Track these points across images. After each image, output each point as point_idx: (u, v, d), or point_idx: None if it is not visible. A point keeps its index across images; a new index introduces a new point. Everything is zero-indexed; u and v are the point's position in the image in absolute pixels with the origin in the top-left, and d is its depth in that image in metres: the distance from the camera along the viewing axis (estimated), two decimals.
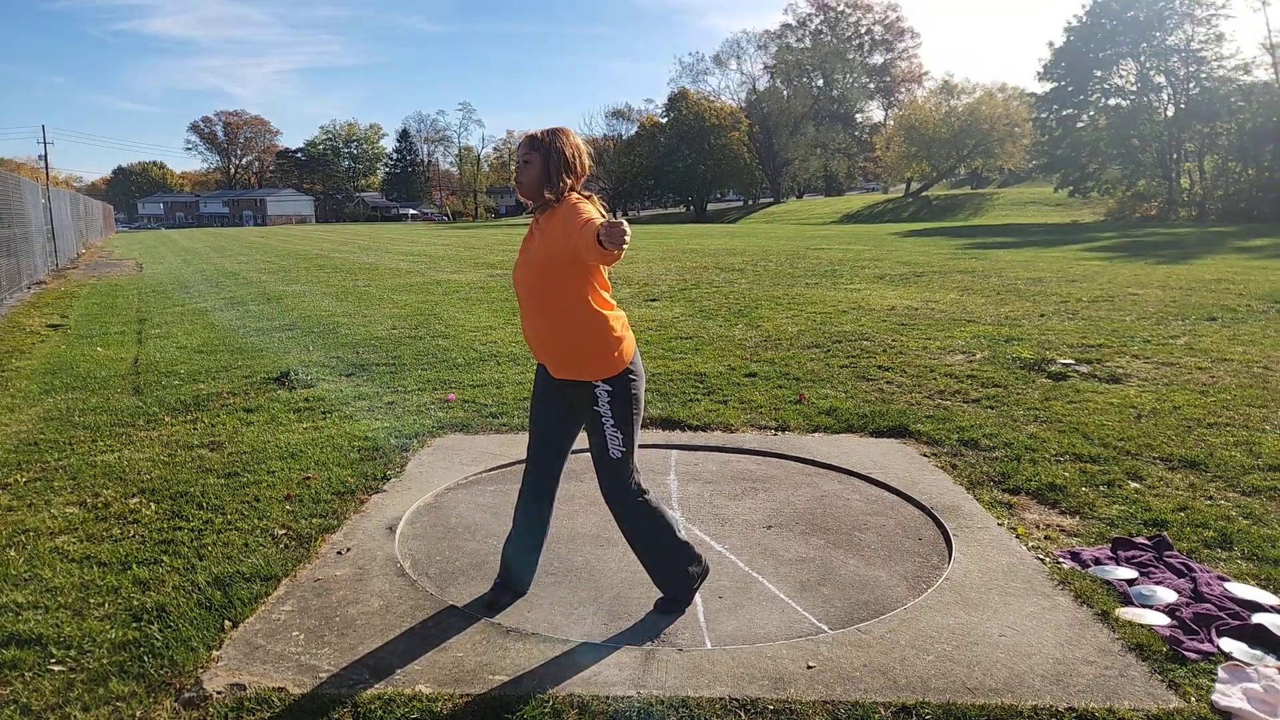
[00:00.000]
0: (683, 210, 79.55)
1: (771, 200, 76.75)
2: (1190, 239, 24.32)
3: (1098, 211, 43.64)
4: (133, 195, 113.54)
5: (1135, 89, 42.84)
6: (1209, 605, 3.09)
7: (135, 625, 3.08)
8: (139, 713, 2.57)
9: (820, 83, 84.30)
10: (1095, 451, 4.92)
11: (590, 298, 2.94)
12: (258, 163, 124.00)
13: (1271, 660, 2.77)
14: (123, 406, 6.50)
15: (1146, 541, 3.67)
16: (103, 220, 50.34)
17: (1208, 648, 2.83)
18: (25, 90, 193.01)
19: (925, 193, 66.68)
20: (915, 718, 2.50)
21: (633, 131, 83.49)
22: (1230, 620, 2.98)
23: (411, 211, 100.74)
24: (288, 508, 4.24)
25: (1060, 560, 3.55)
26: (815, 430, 5.54)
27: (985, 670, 2.73)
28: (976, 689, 2.62)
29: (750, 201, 79.20)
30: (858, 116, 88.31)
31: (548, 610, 3.21)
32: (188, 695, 2.65)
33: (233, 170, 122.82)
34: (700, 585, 3.24)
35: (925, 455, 4.99)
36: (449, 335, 9.50)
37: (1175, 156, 41.53)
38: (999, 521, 3.97)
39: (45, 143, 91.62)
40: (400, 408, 6.24)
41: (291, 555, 3.69)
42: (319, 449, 5.20)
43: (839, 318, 10.11)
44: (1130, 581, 3.32)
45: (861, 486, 4.53)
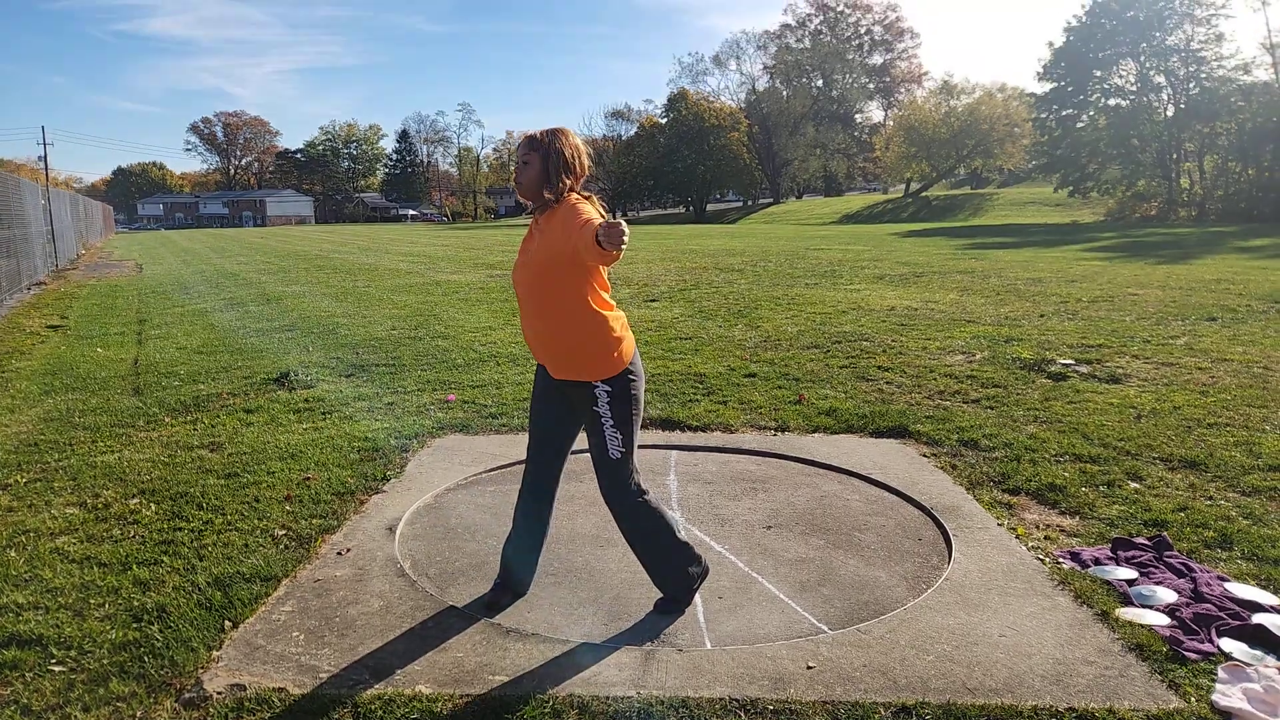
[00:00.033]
0: (682, 211, 79.59)
1: (771, 201, 76.76)
2: (1190, 239, 24.34)
3: (1097, 212, 43.65)
4: (132, 196, 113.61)
5: (1135, 89, 42.86)
6: (1209, 605, 3.09)
7: (135, 626, 3.08)
8: (139, 713, 2.57)
9: (820, 83, 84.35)
10: (1095, 452, 4.92)
11: (590, 298, 2.94)
12: (257, 163, 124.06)
13: (1272, 660, 2.77)
14: (123, 407, 6.50)
15: (1146, 542, 3.67)
16: (102, 221, 50.37)
17: (1208, 648, 2.83)
18: (25, 91, 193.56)
19: (925, 193, 66.69)
20: (915, 718, 2.50)
21: (632, 132, 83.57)
22: (1230, 620, 2.99)
23: (411, 212, 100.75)
24: (288, 508, 4.24)
25: (1060, 560, 3.55)
26: (815, 431, 5.54)
27: (985, 670, 2.73)
28: (976, 689, 2.63)
29: (750, 202, 79.20)
30: (857, 117, 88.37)
31: (548, 611, 3.21)
32: (188, 695, 2.65)
33: (232, 171, 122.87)
34: (700, 585, 3.24)
35: (925, 455, 4.99)
36: (449, 336, 9.50)
37: (1175, 156, 41.54)
38: (999, 522, 3.97)
39: (45, 143, 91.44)
40: (400, 408, 6.24)
41: (291, 556, 3.69)
42: (319, 450, 5.20)
43: (839, 318, 10.11)
44: (1130, 582, 3.32)
45: (861, 487, 4.54)
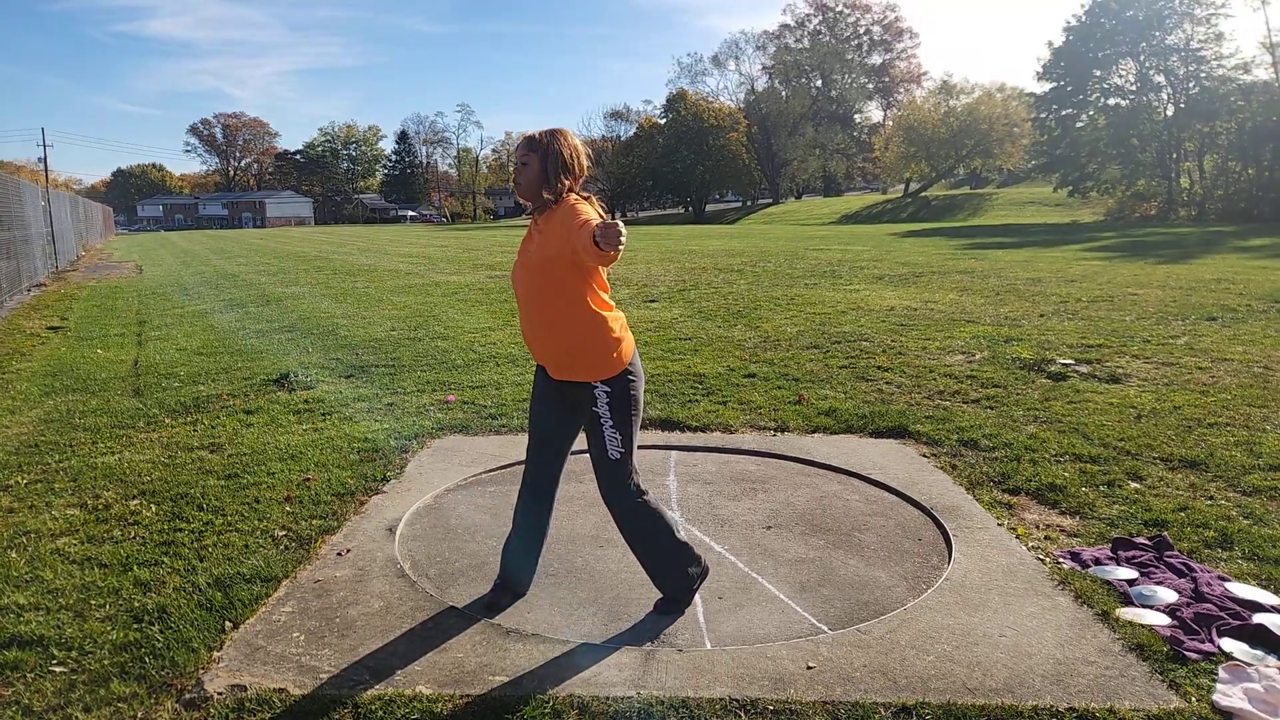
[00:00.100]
0: (681, 211, 79.56)
1: (770, 201, 76.72)
2: (1190, 239, 24.34)
3: (1097, 211, 43.64)
4: (132, 197, 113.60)
5: (1135, 89, 42.85)
6: (1209, 605, 3.09)
7: (136, 626, 3.08)
8: (140, 713, 2.57)
9: (819, 83, 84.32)
10: (1095, 451, 4.92)
11: (589, 299, 2.94)
12: (256, 165, 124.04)
13: (1272, 660, 2.77)
14: (123, 408, 6.50)
15: (1147, 541, 3.67)
16: (102, 222, 50.38)
17: (1208, 648, 2.83)
18: (25, 92, 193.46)
19: (924, 193, 66.65)
20: (915, 718, 2.50)
21: (631, 132, 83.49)
22: (1231, 620, 2.99)
23: (410, 213, 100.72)
24: (288, 509, 4.24)
25: (1060, 560, 3.55)
26: (815, 431, 5.54)
27: (985, 670, 2.73)
28: (977, 689, 2.63)
29: (749, 202, 79.17)
30: (856, 117, 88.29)
31: (547, 611, 3.21)
32: (189, 696, 2.65)
33: (232, 172, 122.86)
34: (700, 586, 3.24)
35: (925, 456, 4.99)
36: (448, 337, 9.50)
37: (1175, 156, 41.53)
38: (999, 522, 3.97)
39: (45, 145, 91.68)
40: (400, 409, 6.24)
41: (292, 556, 3.69)
42: (319, 451, 5.20)
43: (838, 318, 10.11)
44: (1131, 581, 3.32)
45: (861, 487, 4.54)
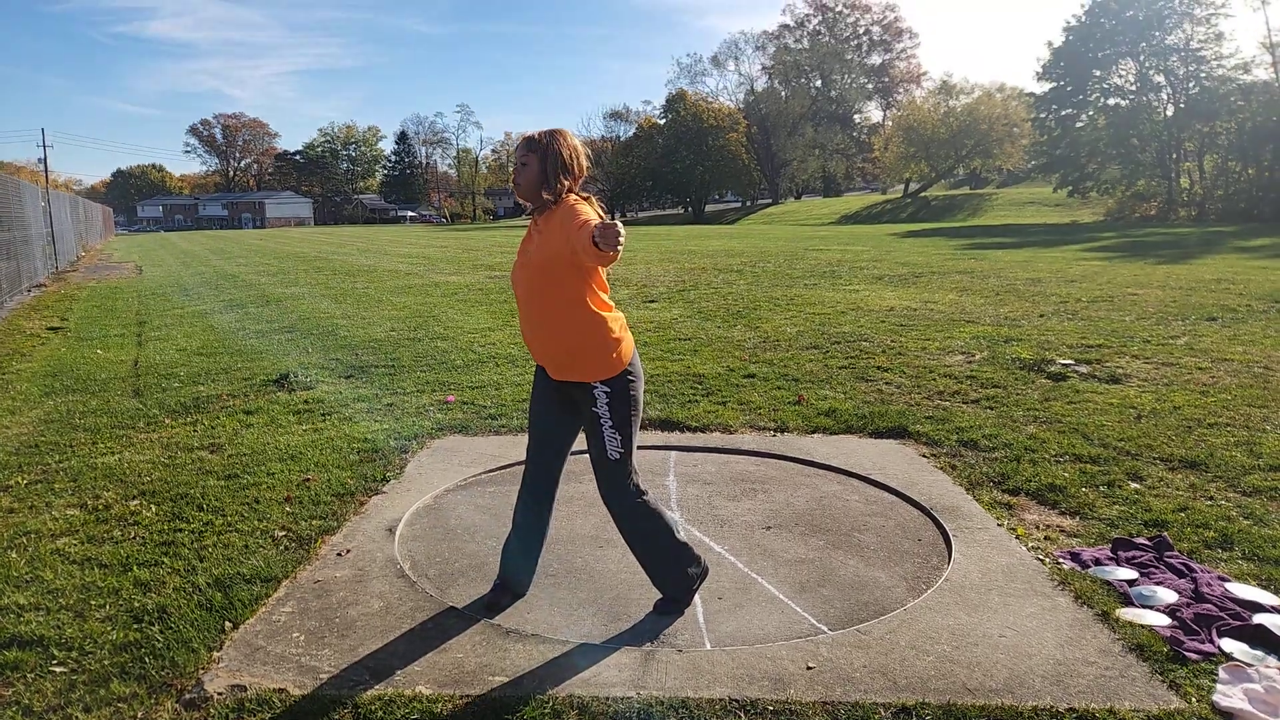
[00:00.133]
0: (681, 211, 79.57)
1: (770, 201, 76.72)
2: (1190, 239, 24.34)
3: (1097, 212, 43.64)
4: (132, 198, 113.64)
5: (1134, 89, 42.85)
6: (1210, 606, 3.09)
7: (136, 627, 3.08)
8: (140, 714, 2.57)
9: (818, 83, 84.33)
10: (1095, 452, 4.92)
11: (589, 299, 2.94)
12: (256, 165, 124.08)
13: (1272, 661, 2.77)
14: (123, 409, 6.50)
15: (1147, 542, 3.67)
16: (102, 223, 50.37)
17: (1208, 648, 2.83)
18: (25, 93, 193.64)
19: (924, 193, 66.64)
20: (915, 718, 2.50)
21: (630, 133, 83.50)
22: (1231, 621, 2.99)
23: (410, 214, 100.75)
24: (287, 509, 4.24)
25: (1060, 561, 3.55)
26: (814, 431, 5.54)
27: (985, 671, 2.73)
28: (976, 690, 2.63)
29: (748, 203, 79.18)
30: (856, 117, 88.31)
31: (547, 611, 3.21)
32: (189, 696, 2.65)
33: (231, 173, 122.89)
34: (699, 586, 3.24)
35: (924, 456, 4.99)
36: (448, 337, 9.50)
37: (1175, 156, 41.52)
38: (999, 522, 3.97)
39: (45, 145, 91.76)
40: (399, 410, 6.24)
41: (291, 557, 3.69)
42: (318, 451, 5.20)
43: (838, 319, 10.11)
44: (1131, 582, 3.32)
45: (861, 487, 4.54)
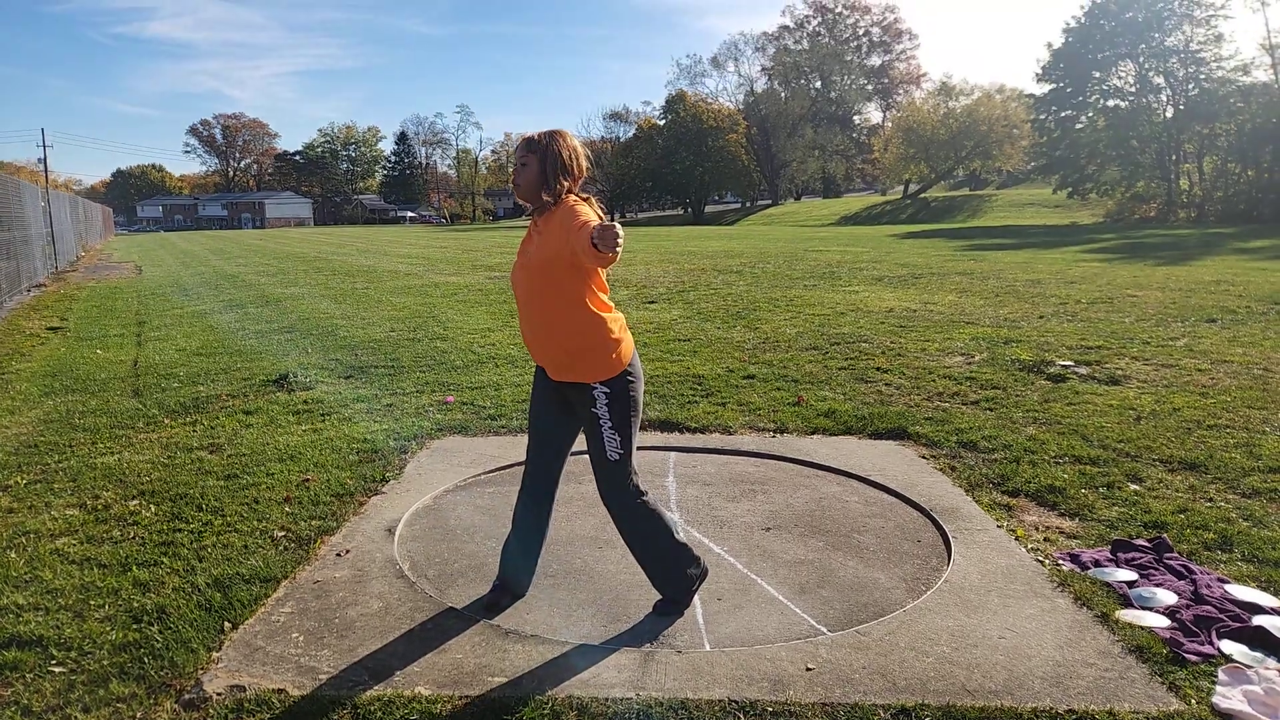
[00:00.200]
0: (680, 212, 79.59)
1: (769, 202, 76.73)
2: (1189, 240, 24.34)
3: (1096, 213, 43.64)
4: (132, 198, 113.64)
5: (1134, 90, 42.86)
6: (1209, 607, 3.09)
7: (135, 627, 3.08)
8: (139, 714, 2.57)
9: (818, 84, 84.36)
10: (1094, 453, 4.92)
11: (588, 300, 2.94)
12: (256, 165, 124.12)
13: (1272, 662, 2.77)
14: (122, 409, 6.50)
15: (1146, 543, 3.67)
16: (102, 223, 50.36)
17: (1208, 650, 2.83)
18: (25, 93, 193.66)
19: (923, 194, 66.68)
20: None
21: (630, 134, 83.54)
22: (1230, 622, 2.99)
23: (409, 214, 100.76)
24: (287, 510, 4.24)
25: (1060, 562, 3.55)
26: (814, 432, 5.54)
27: (985, 672, 2.73)
28: (976, 691, 2.63)
29: (748, 203, 79.21)
30: (856, 118, 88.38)
31: (547, 612, 3.21)
32: (188, 696, 2.65)
33: (231, 173, 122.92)
34: (699, 587, 3.24)
35: (924, 457, 4.99)
36: (447, 337, 9.50)
37: (1174, 158, 41.52)
38: (998, 523, 3.97)
39: (45, 146, 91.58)
40: (399, 410, 6.24)
41: (291, 557, 3.69)
42: (318, 451, 5.20)
43: (837, 320, 10.11)
44: (1130, 583, 3.32)
45: (860, 488, 4.54)
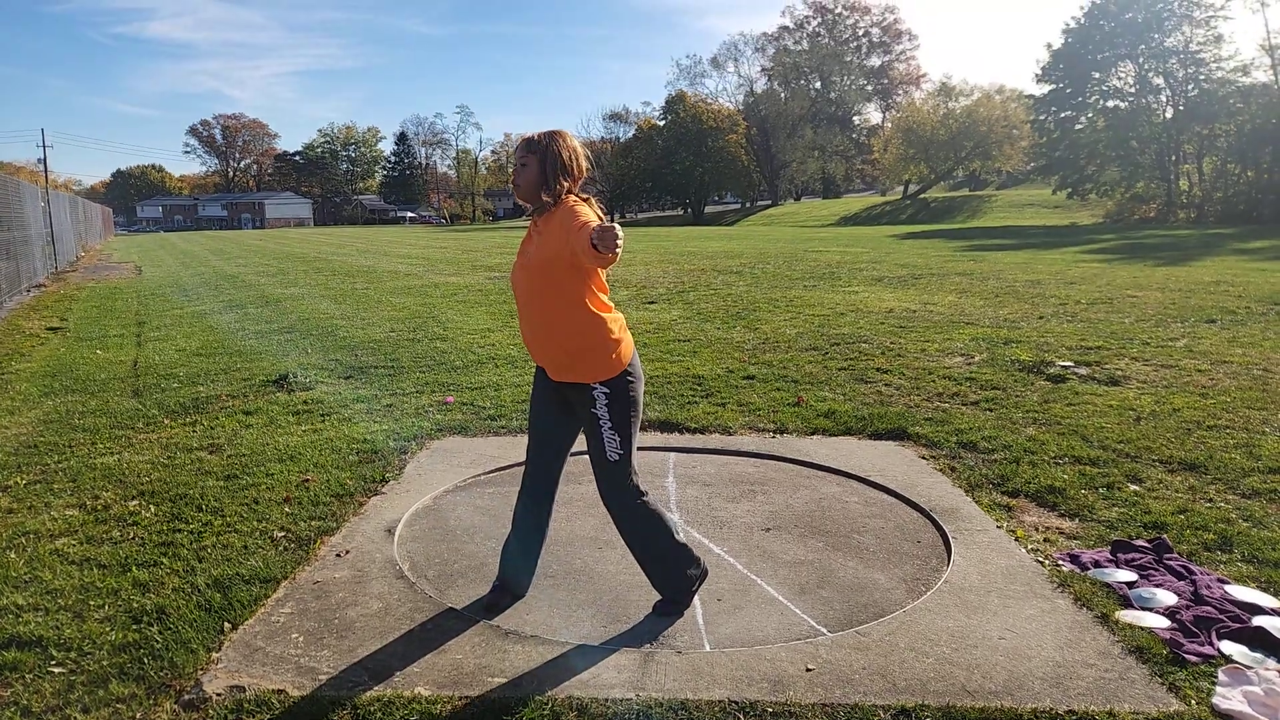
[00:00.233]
0: (680, 213, 79.62)
1: (769, 203, 76.74)
2: (1189, 241, 24.34)
3: (1096, 214, 43.64)
4: (131, 198, 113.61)
5: (1134, 91, 42.87)
6: (1209, 608, 3.09)
7: (135, 627, 3.08)
8: (139, 714, 2.57)
9: (818, 85, 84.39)
10: (1094, 454, 4.92)
11: (588, 300, 2.94)
12: (256, 166, 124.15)
13: (1272, 663, 2.77)
14: (122, 409, 6.50)
15: (1146, 544, 3.67)
16: (101, 223, 50.34)
17: (1208, 650, 2.83)
18: (25, 93, 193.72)
19: (923, 195, 66.69)
20: None
21: (630, 134, 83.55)
22: (1230, 623, 2.99)
23: (409, 214, 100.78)
24: (287, 510, 4.24)
25: (1060, 563, 3.55)
26: (814, 433, 5.54)
27: (984, 673, 2.73)
28: (976, 692, 2.63)
29: (748, 204, 79.22)
30: (855, 119, 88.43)
31: (547, 612, 3.21)
32: (187, 697, 2.65)
33: (231, 173, 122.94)
34: (699, 588, 3.24)
35: (924, 458, 4.99)
36: (447, 338, 9.50)
37: (1174, 158, 41.53)
38: (998, 524, 3.97)
39: (44, 146, 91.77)
40: (399, 410, 6.24)
41: (290, 557, 3.69)
42: (318, 452, 5.20)
43: (837, 320, 10.11)
44: (1130, 584, 3.32)
45: (860, 489, 4.53)
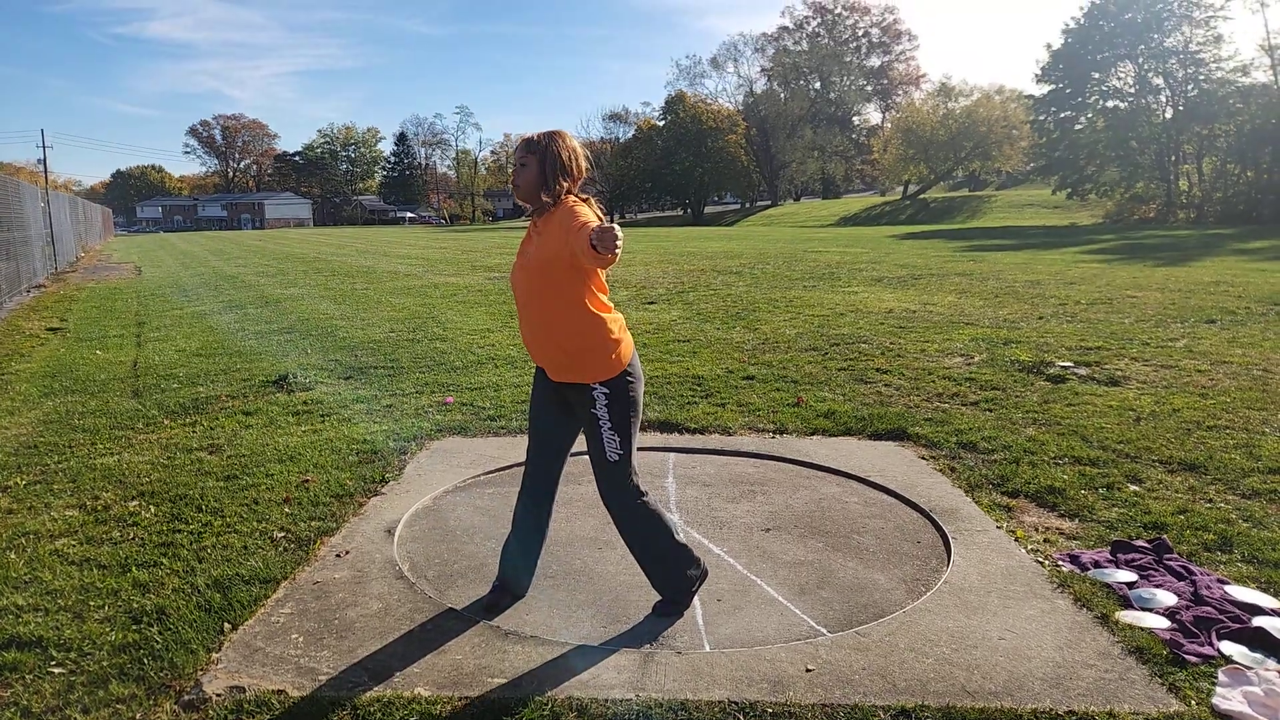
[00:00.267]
0: (680, 213, 79.63)
1: (769, 203, 76.76)
2: (1189, 241, 24.34)
3: (1096, 214, 43.64)
4: (131, 199, 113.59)
5: (1133, 91, 42.87)
6: (1209, 608, 3.09)
7: (135, 628, 3.08)
8: (139, 715, 2.57)
9: (817, 85, 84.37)
10: (1094, 454, 4.92)
11: (588, 300, 2.94)
12: (256, 166, 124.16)
13: (1272, 664, 2.77)
14: (122, 409, 6.50)
15: (1146, 544, 3.67)
16: (101, 224, 50.32)
17: (1208, 651, 2.83)
18: (25, 94, 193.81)
19: (923, 195, 66.68)
20: None
21: (629, 134, 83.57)
22: (1230, 623, 2.99)
23: (409, 215, 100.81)
24: (286, 510, 4.24)
25: (1059, 563, 3.55)
26: (813, 433, 5.54)
27: (984, 673, 2.73)
28: (976, 692, 2.63)
29: (748, 204, 79.24)
30: (855, 119, 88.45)
31: (546, 613, 3.21)
32: (187, 697, 2.65)
33: (231, 174, 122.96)
34: (699, 588, 3.24)
35: (924, 458, 4.99)
36: (447, 338, 9.50)
37: (1174, 159, 41.52)
38: (998, 524, 3.97)
39: (44, 146, 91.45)
40: (398, 411, 6.24)
41: (290, 558, 3.69)
42: (317, 452, 5.20)
43: (837, 320, 10.11)
44: (1130, 584, 3.32)
45: (860, 489, 4.53)
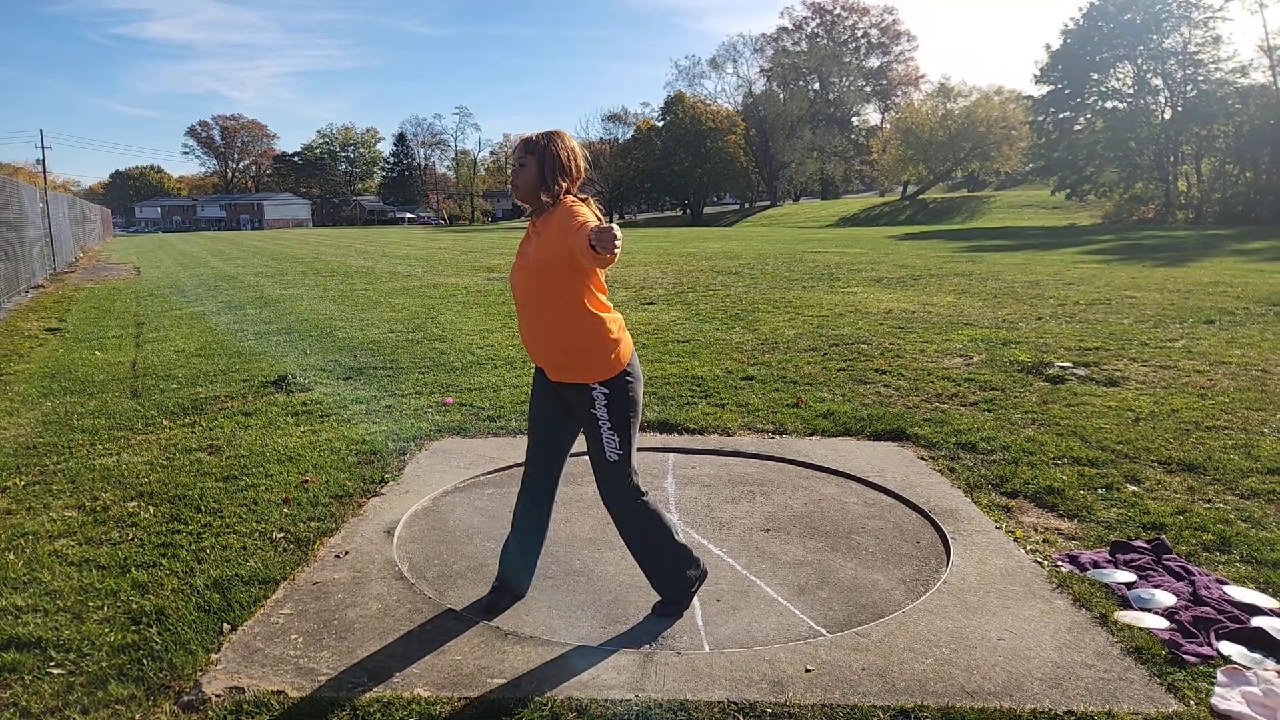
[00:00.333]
0: (679, 214, 79.67)
1: (768, 203, 76.78)
2: (1188, 242, 24.36)
3: (1095, 214, 43.68)
4: (130, 199, 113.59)
5: (1132, 92, 42.89)
6: (1208, 608, 3.09)
7: (134, 628, 3.08)
8: (138, 715, 2.57)
9: (816, 86, 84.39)
10: (1093, 455, 4.92)
11: (587, 300, 2.95)
12: (255, 166, 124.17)
13: (1270, 664, 2.77)
14: (121, 410, 6.49)
15: (1145, 544, 3.67)
16: (100, 224, 50.32)
17: (1207, 651, 2.83)
18: (24, 94, 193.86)
19: (922, 196, 66.72)
20: None
21: (629, 135, 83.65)
22: (1229, 623, 2.99)
23: (408, 215, 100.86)
24: (286, 511, 4.23)
25: (1059, 563, 3.55)
26: (813, 433, 5.54)
27: (984, 674, 2.73)
28: (975, 692, 2.63)
29: (747, 205, 79.28)
30: (854, 120, 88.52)
31: (546, 613, 3.21)
32: (186, 698, 2.65)
33: (230, 174, 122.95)
34: (698, 588, 3.24)
35: (923, 458, 4.99)
36: (446, 339, 9.50)
37: (1172, 159, 41.54)
38: (997, 525, 3.97)
39: (43, 146, 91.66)
40: (398, 411, 6.24)
41: (290, 558, 3.69)
42: (317, 453, 5.20)
43: (836, 321, 10.12)
44: (1129, 585, 3.33)
45: (859, 490, 4.54)
